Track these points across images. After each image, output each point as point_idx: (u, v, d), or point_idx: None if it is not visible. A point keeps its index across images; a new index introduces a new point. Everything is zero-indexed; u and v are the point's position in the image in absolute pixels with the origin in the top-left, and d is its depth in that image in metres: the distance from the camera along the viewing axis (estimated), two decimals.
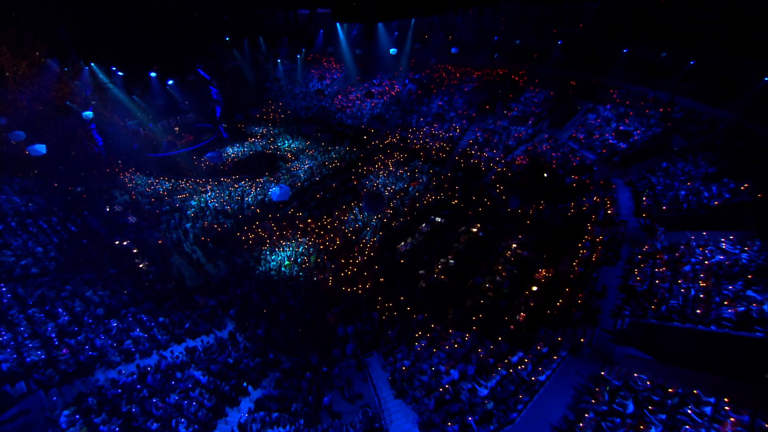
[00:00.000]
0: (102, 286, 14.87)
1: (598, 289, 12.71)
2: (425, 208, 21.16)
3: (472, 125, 29.02)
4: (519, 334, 13.14)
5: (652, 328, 10.46)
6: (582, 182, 20.66)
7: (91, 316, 12.95)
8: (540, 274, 16.09)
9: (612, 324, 11.34)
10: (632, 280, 12.49)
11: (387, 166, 25.36)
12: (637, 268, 12.87)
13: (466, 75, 33.00)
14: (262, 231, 19.17)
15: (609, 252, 14.30)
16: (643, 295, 11.60)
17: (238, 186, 23.62)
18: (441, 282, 16.39)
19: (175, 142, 27.73)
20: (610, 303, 12.22)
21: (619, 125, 22.86)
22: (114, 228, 20.05)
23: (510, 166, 24.54)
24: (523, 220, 20.14)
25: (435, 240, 18.91)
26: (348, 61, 36.13)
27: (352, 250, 17.78)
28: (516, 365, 10.89)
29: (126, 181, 25.22)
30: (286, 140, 30.60)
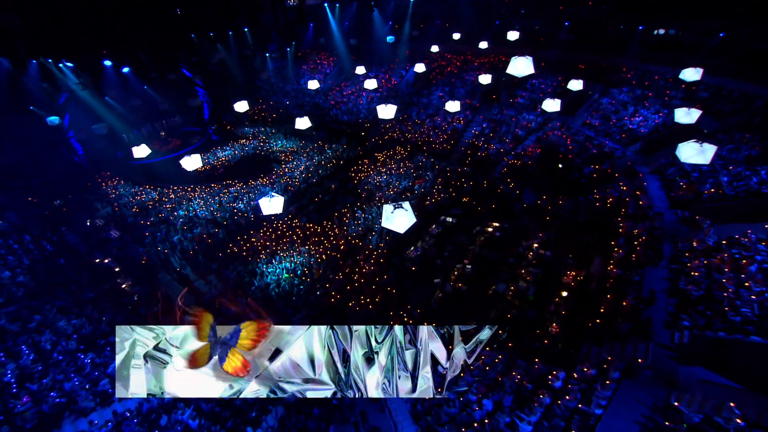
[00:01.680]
0: (77, 313, 13.09)
1: (645, 295, 11.07)
2: (434, 207, 19.45)
3: (476, 116, 27.29)
4: (555, 349, 11.50)
5: (721, 343, 8.83)
6: (603, 172, 18.98)
7: (62, 351, 11.20)
8: (569, 277, 14.44)
9: (668, 338, 9.70)
10: (683, 283, 10.84)
11: (388, 164, 23.62)
12: (687, 269, 11.21)
13: (466, 63, 31.23)
14: (257, 240, 17.44)
15: (649, 250, 12.65)
16: (701, 301, 9.95)
17: (229, 191, 21.85)
18: (459, 291, 14.71)
19: (159, 148, 25.88)
20: (660, 312, 10.58)
21: (637, 108, 21.19)
22: (95, 244, 18.28)
23: (521, 157, 22.85)
24: (541, 216, 18.47)
25: (447, 243, 17.21)
26: (342, 53, 34.25)
27: (356, 258, 16.07)
28: (561, 392, 9.24)
29: (109, 191, 23.39)
30: (278, 140, 28.82)
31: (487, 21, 30.75)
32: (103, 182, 24.27)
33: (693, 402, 7.78)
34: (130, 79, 24.77)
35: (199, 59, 26.79)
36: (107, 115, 23.92)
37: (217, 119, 30.92)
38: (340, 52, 34.43)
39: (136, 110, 26.21)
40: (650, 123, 19.88)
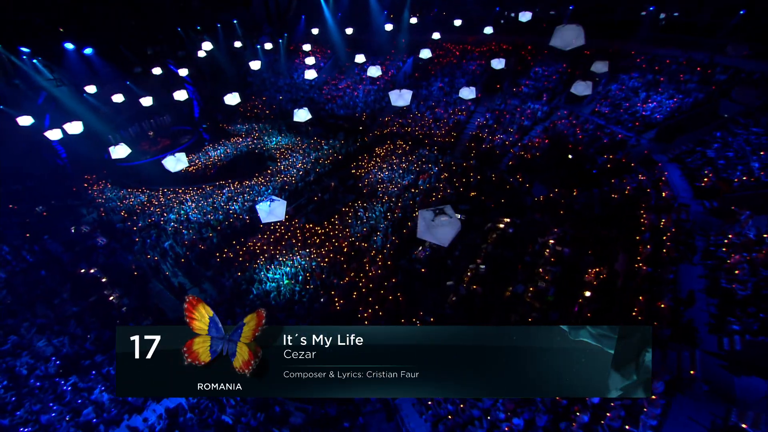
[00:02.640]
0: (59, 330, 11.93)
1: (683, 295, 10.11)
2: (440, 203, 18.36)
3: (479, 107, 26.20)
4: None
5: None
6: (618, 162, 18.01)
7: (40, 376, 10.08)
8: (590, 275, 13.48)
9: (716, 344, 8.75)
10: (725, 281, 9.90)
11: (390, 158, 22.50)
12: (726, 265, 10.26)
13: (466, 52, 30.07)
14: (254, 244, 16.31)
15: (680, 245, 11.70)
16: (750, 301, 9.00)
17: (223, 192, 20.64)
18: (474, 293, 13.70)
19: (148, 149, 24.55)
20: (701, 314, 9.63)
21: (650, 94, 20.20)
22: (80, 253, 17.07)
23: (528, 148, 21.82)
24: (554, 210, 17.49)
25: (457, 241, 16.19)
26: (337, 44, 32.87)
27: (362, 261, 15.01)
28: (601, 409, 8.26)
29: (95, 195, 22.09)
30: (273, 137, 27.57)
31: (487, 6, 29.56)
32: (88, 186, 22.97)
33: (759, 421, 6.83)
34: (107, 72, 23.14)
35: (186, 53, 25.39)
36: (88, 115, 22.44)
37: (208, 117, 29.57)
38: (335, 43, 33.05)
39: (121, 108, 24.64)
40: (665, 109, 18.90)
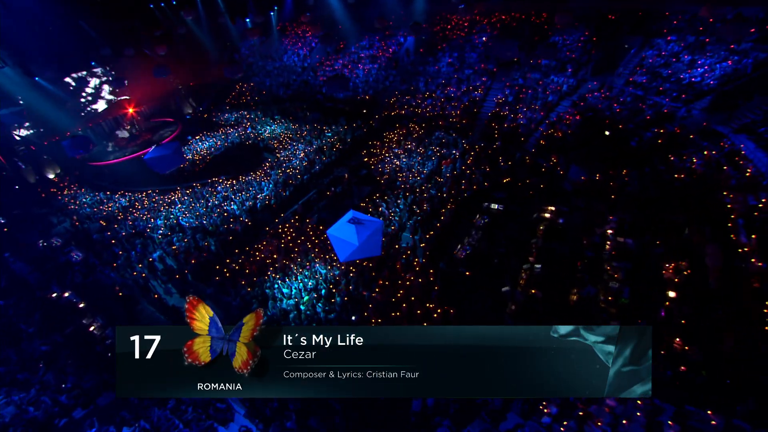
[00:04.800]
0: (23, 381, 9.33)
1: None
2: (471, 192, 16.08)
3: (495, 82, 23.74)
4: (698, 379, 8.46)
5: None
6: (670, 136, 15.88)
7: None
8: (668, 271, 11.41)
9: None
10: None
11: (404, 144, 19.97)
12: None
13: (474, 24, 27.40)
14: (262, 251, 13.77)
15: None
16: None
17: (217, 191, 17.89)
18: (534, 299, 11.51)
19: (125, 145, 21.46)
20: None
21: (695, 58, 18.02)
22: (50, 272, 14.31)
23: (557, 126, 19.56)
24: (600, 194, 15.37)
25: (500, 236, 13.96)
26: (337, 9, 29.60)
27: (393, 266, 12.63)
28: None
29: (66, 201, 19.09)
30: (266, 125, 24.71)
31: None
32: (57, 191, 19.88)
33: None
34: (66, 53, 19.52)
35: (163, 32, 22.04)
36: (45, 104, 19.04)
37: (193, 105, 26.44)
38: (336, 11, 29.72)
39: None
40: (717, 73, 16.76)
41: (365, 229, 5.47)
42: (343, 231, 5.68)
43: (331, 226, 5.78)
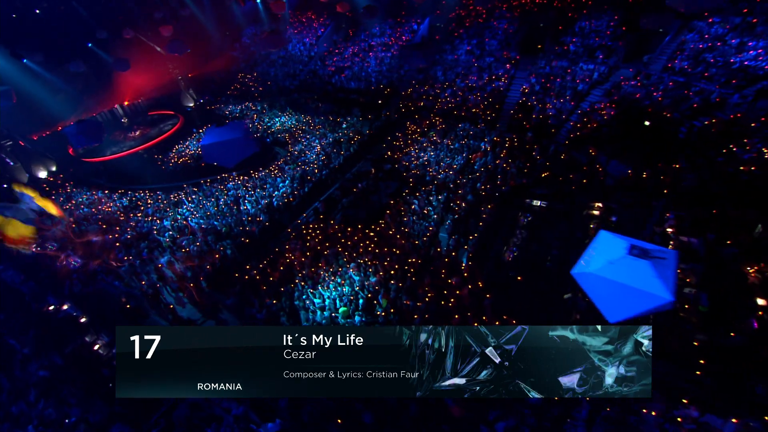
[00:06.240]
0: (18, 415, 7.85)
1: None
2: (509, 188, 14.74)
3: (518, 71, 22.34)
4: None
5: None
6: (726, 124, 14.63)
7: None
8: (751, 275, 10.18)
9: None
10: None
11: (429, 136, 18.56)
12: None
13: (493, 10, 25.93)
14: (287, 256, 12.32)
15: None
16: None
17: (228, 189, 16.36)
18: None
19: (123, 139, 19.79)
20: None
21: (743, 40, 16.76)
22: (45, 281, 12.75)
23: (590, 116, 18.26)
24: (649, 189, 14.15)
25: (547, 235, 12.65)
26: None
27: (438, 271, 11.26)
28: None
29: (60, 201, 17.43)
30: (275, 117, 23.16)
31: None
32: (51, 189, 18.21)
33: None
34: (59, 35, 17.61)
35: (164, 15, 20.24)
36: (38, 89, 17.21)
37: (196, 96, 24.72)
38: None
39: (80, 81, 19.25)
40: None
41: (663, 266, 3.18)
42: (624, 271, 3.54)
43: (584, 260, 3.60)
